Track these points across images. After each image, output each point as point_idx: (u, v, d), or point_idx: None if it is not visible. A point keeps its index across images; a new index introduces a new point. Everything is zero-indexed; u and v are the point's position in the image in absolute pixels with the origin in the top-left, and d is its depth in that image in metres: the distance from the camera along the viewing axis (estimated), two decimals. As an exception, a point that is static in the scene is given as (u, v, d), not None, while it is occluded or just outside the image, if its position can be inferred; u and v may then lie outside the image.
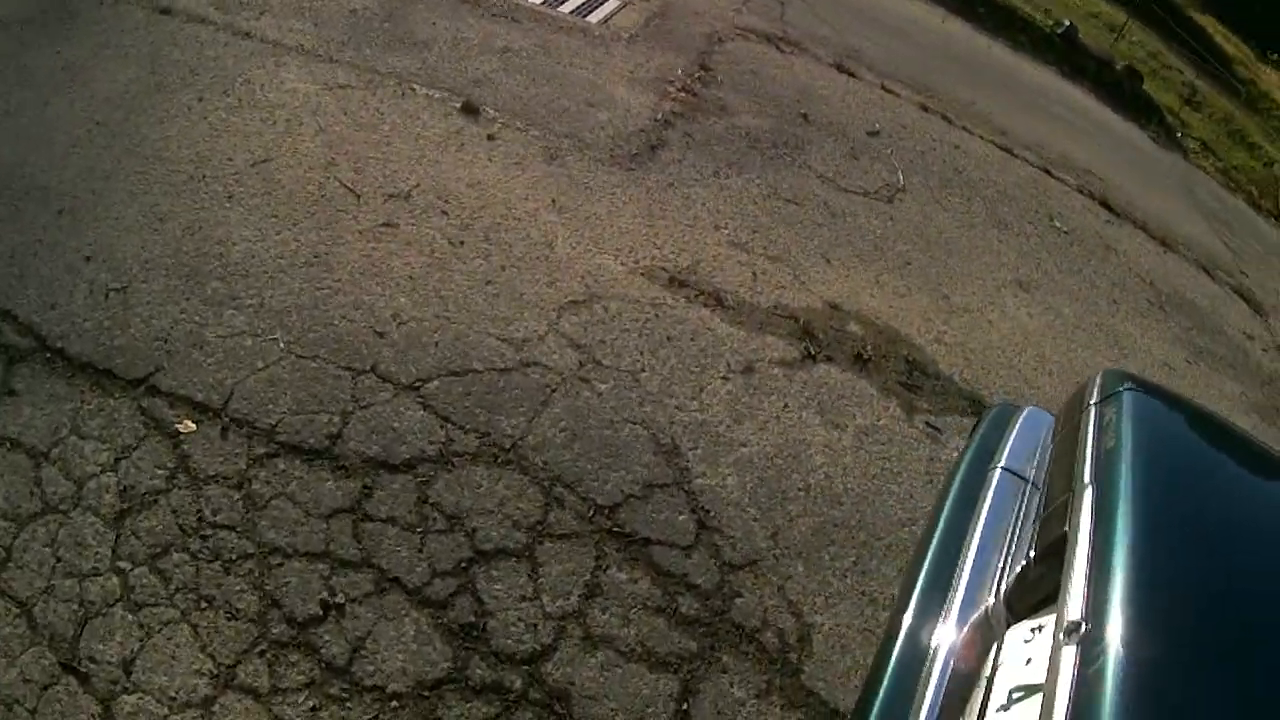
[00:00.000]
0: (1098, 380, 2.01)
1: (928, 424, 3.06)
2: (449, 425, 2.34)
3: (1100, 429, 1.75)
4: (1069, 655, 1.20)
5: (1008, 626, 1.54)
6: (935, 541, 1.81)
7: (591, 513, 2.26)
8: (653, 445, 2.51)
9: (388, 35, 3.98)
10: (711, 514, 2.39)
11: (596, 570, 2.14)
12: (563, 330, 2.76)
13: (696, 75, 4.65)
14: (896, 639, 1.63)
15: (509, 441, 2.36)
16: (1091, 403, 1.88)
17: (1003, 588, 1.62)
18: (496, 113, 3.71)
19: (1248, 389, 4.71)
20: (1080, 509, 1.49)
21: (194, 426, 2.16)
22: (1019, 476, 2.02)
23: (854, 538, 2.51)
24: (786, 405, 2.85)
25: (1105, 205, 5.80)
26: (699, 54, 4.87)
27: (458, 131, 3.52)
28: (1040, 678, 1.30)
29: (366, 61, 3.74)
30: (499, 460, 2.30)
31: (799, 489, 2.58)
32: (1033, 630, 1.46)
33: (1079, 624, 1.24)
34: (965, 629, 1.61)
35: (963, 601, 1.67)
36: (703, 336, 2.97)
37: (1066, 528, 1.49)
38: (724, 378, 2.84)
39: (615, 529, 2.24)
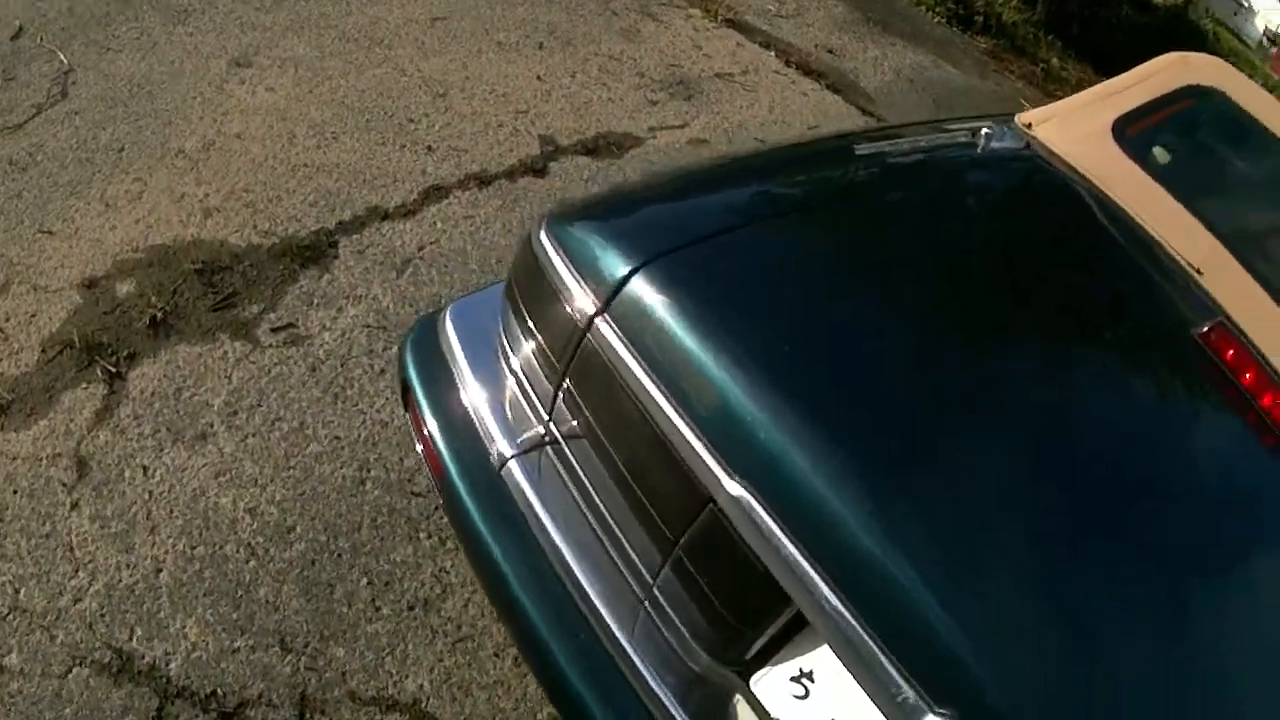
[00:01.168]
0: (557, 260, 1.34)
1: (274, 329, 2.42)
2: None
3: (660, 377, 1.20)
4: None
5: (745, 680, 1.22)
6: (538, 623, 1.33)
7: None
8: (105, 677, 1.74)
9: None
10: (221, 694, 1.75)
11: None
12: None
13: None
14: None
15: None
16: (595, 316, 1.28)
17: (689, 640, 1.25)
18: None
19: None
20: (760, 532, 1.09)
21: None
22: (533, 447, 1.45)
23: (339, 561, 2.03)
24: (145, 469, 2.09)
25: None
26: None
27: None
28: None
29: None
30: None
31: (246, 562, 1.97)
32: (797, 681, 1.17)
33: (933, 708, 0.96)
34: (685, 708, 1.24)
35: (652, 674, 1.26)
36: (20, 476, 2.05)
37: (761, 567, 1.10)
38: (72, 505, 2.01)
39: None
